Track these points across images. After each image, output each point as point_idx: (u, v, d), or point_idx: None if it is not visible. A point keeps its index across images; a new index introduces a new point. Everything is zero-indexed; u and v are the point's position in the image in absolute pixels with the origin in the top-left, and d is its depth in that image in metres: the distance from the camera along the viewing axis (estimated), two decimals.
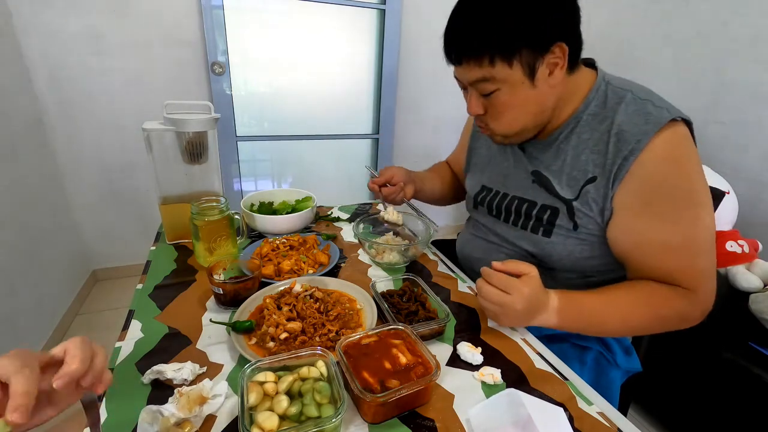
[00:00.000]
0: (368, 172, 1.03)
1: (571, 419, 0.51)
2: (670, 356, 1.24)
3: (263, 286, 0.73)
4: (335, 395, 0.47)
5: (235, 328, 0.61)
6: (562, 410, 0.51)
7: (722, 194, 0.84)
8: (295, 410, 0.45)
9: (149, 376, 0.53)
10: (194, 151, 0.89)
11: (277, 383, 0.48)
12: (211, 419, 0.49)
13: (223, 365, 0.57)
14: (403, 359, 0.53)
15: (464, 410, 0.52)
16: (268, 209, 1.04)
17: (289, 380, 0.48)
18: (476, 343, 0.64)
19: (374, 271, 0.87)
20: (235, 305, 0.68)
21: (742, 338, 1.13)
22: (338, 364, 0.51)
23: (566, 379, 0.59)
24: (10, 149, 1.49)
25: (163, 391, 0.52)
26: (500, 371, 0.58)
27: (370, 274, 0.86)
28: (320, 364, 0.51)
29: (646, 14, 1.93)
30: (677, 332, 0.67)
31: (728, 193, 1.41)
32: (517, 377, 0.58)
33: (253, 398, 0.45)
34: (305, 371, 0.50)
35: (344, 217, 1.16)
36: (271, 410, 0.45)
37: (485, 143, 0.91)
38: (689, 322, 0.67)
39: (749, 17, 1.53)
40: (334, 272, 0.84)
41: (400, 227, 1.00)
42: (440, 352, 0.63)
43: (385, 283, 0.76)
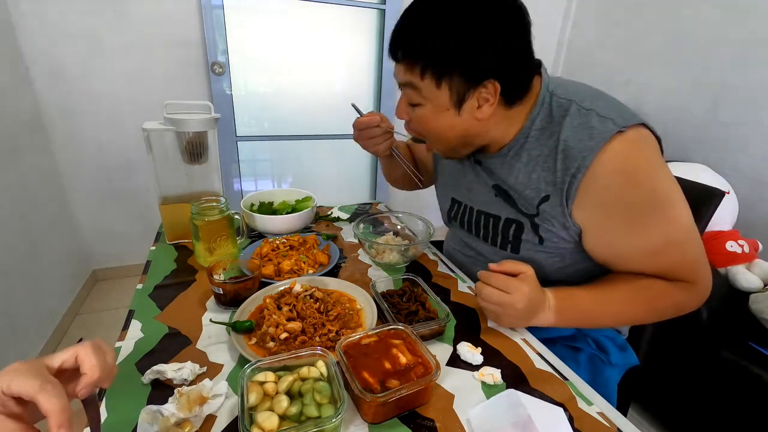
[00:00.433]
0: (355, 110, 0.88)
1: (571, 419, 0.51)
2: (670, 356, 1.23)
3: (263, 286, 0.73)
4: (335, 395, 0.47)
5: (235, 328, 0.61)
6: (562, 410, 0.52)
7: (722, 194, 0.84)
8: (295, 410, 0.45)
9: (149, 376, 0.53)
10: (194, 151, 0.89)
11: (277, 383, 0.48)
12: (211, 419, 0.49)
13: (223, 365, 0.57)
14: (403, 359, 0.53)
15: (464, 410, 0.52)
16: (268, 209, 1.04)
17: (289, 380, 0.48)
18: (476, 343, 0.64)
19: (374, 271, 0.87)
20: (235, 305, 0.68)
21: (742, 338, 1.13)
22: (338, 364, 0.51)
23: (566, 379, 0.59)
24: (10, 149, 1.49)
25: (163, 391, 0.52)
26: (500, 371, 0.58)
27: (370, 274, 0.86)
28: (320, 364, 0.51)
29: (645, 14, 1.93)
30: (677, 332, 0.67)
31: (728, 193, 1.41)
32: (517, 377, 0.58)
33: (253, 398, 0.45)
34: (305, 371, 0.50)
35: (344, 217, 1.16)
36: (271, 410, 0.45)
37: None
38: (688, 310, 0.67)
39: (749, 17, 1.53)
40: (334, 272, 0.84)
41: (400, 227, 1.00)
42: (440, 352, 0.62)
43: (385, 283, 0.76)
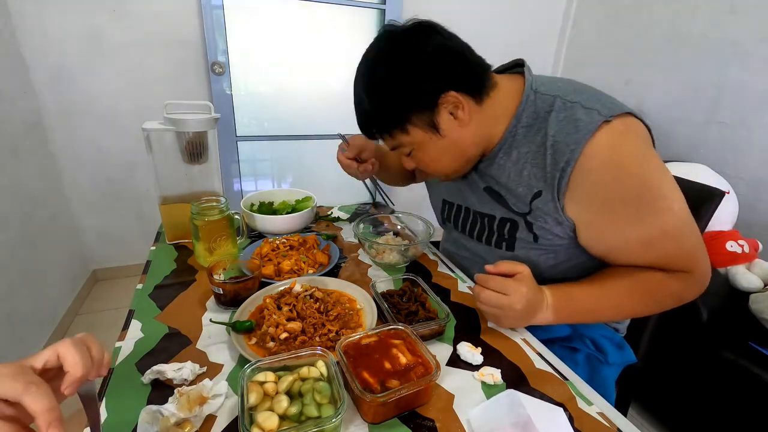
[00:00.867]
0: (340, 140, 0.95)
1: (571, 419, 0.51)
2: (670, 356, 1.24)
3: (263, 286, 0.73)
4: (335, 395, 0.47)
5: (235, 328, 0.61)
6: (561, 410, 0.52)
7: (722, 194, 0.84)
8: (295, 410, 0.45)
9: (149, 376, 0.53)
10: (194, 151, 0.89)
11: (277, 383, 0.48)
12: (211, 419, 0.49)
13: (223, 365, 0.57)
14: (403, 359, 0.53)
15: (464, 410, 0.52)
16: (268, 209, 1.04)
17: (289, 380, 0.48)
18: (476, 343, 0.64)
19: (374, 271, 0.87)
20: (235, 305, 0.68)
21: (742, 338, 1.13)
22: (338, 364, 0.51)
23: (566, 379, 0.59)
24: (10, 149, 1.49)
25: (163, 391, 0.52)
26: (500, 371, 0.58)
27: (370, 274, 0.86)
28: (320, 364, 0.51)
29: (645, 14, 1.93)
30: (677, 332, 0.67)
31: (728, 193, 1.41)
32: (517, 377, 0.58)
33: (253, 398, 0.45)
34: (305, 371, 0.50)
35: (344, 217, 1.16)
36: (271, 410, 0.45)
37: None
38: (688, 299, 0.67)
39: (750, 17, 1.53)
40: (334, 272, 0.84)
41: (400, 227, 1.00)
42: (440, 352, 0.62)
43: (385, 283, 0.76)
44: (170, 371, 0.53)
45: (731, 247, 1.33)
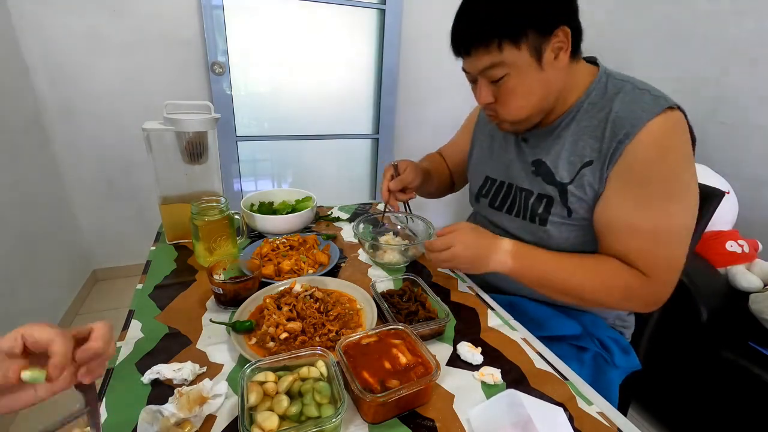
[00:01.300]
0: (389, 166, 0.93)
1: (571, 419, 0.51)
2: (670, 356, 1.23)
3: (263, 286, 0.73)
4: (335, 395, 0.47)
5: (235, 328, 0.61)
6: (561, 410, 0.52)
7: (722, 194, 0.84)
8: (295, 410, 0.45)
9: (149, 376, 0.53)
10: (194, 151, 0.89)
11: (277, 383, 0.48)
12: (211, 419, 0.49)
13: (223, 365, 0.57)
14: (403, 359, 0.53)
15: (464, 410, 0.52)
16: (268, 209, 1.04)
17: (289, 380, 0.48)
18: (476, 343, 0.64)
19: (374, 271, 0.87)
20: (235, 305, 0.68)
21: (742, 338, 1.13)
22: (338, 364, 0.51)
23: (566, 379, 0.59)
24: (10, 149, 1.49)
25: (163, 391, 0.52)
26: (500, 371, 0.58)
27: (370, 274, 0.86)
28: (320, 364, 0.51)
29: (646, 14, 1.93)
30: (677, 332, 0.67)
31: (728, 193, 1.41)
32: (517, 377, 0.58)
33: (253, 398, 0.45)
34: (305, 371, 0.50)
35: (344, 217, 1.16)
36: (271, 410, 0.45)
37: (488, 135, 0.92)
38: (635, 302, 0.69)
39: (750, 17, 1.53)
40: (334, 272, 0.84)
41: (400, 227, 1.00)
42: (440, 352, 0.63)
43: (385, 283, 0.76)
44: (170, 371, 0.53)
45: (731, 247, 1.32)
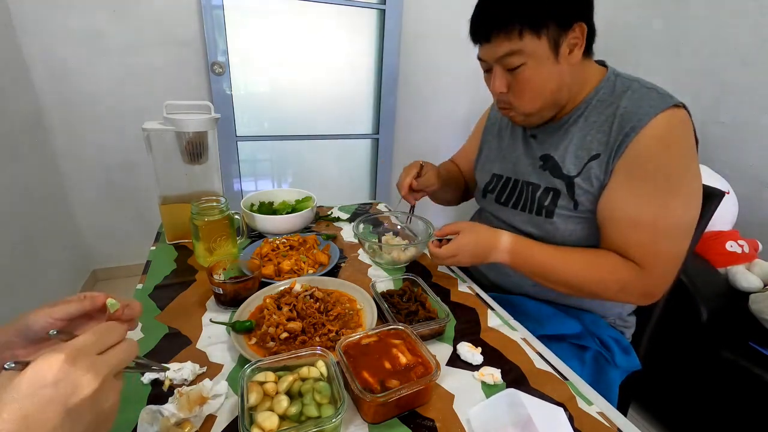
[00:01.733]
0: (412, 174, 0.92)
1: (571, 419, 0.51)
2: (670, 356, 1.23)
3: (263, 286, 0.73)
4: (335, 395, 0.47)
5: (235, 328, 0.61)
6: (562, 410, 0.52)
7: (722, 194, 0.84)
8: (295, 410, 0.45)
9: (149, 376, 0.53)
10: (194, 151, 0.89)
11: (277, 383, 0.48)
12: (211, 419, 0.49)
13: (223, 365, 0.57)
14: (403, 359, 0.53)
15: (464, 410, 0.52)
16: (268, 209, 1.04)
17: (289, 380, 0.48)
18: (476, 343, 0.64)
19: (374, 271, 0.87)
20: (235, 305, 0.68)
21: (742, 338, 1.13)
22: (338, 364, 0.51)
23: (566, 379, 0.59)
24: (10, 149, 1.48)
25: (163, 391, 0.52)
26: (500, 371, 0.58)
27: (370, 274, 0.86)
28: (320, 364, 0.51)
29: (646, 15, 1.93)
30: (677, 332, 0.67)
31: (728, 193, 1.41)
32: (517, 377, 0.58)
33: (253, 398, 0.45)
34: (305, 371, 0.50)
35: (344, 217, 1.16)
36: (271, 410, 0.45)
37: (496, 136, 0.94)
38: (630, 295, 0.70)
39: (750, 17, 1.53)
40: (334, 272, 0.84)
41: (400, 227, 1.00)
42: (440, 352, 0.63)
43: (385, 283, 0.76)
44: (170, 371, 0.53)
45: (731, 247, 1.32)
